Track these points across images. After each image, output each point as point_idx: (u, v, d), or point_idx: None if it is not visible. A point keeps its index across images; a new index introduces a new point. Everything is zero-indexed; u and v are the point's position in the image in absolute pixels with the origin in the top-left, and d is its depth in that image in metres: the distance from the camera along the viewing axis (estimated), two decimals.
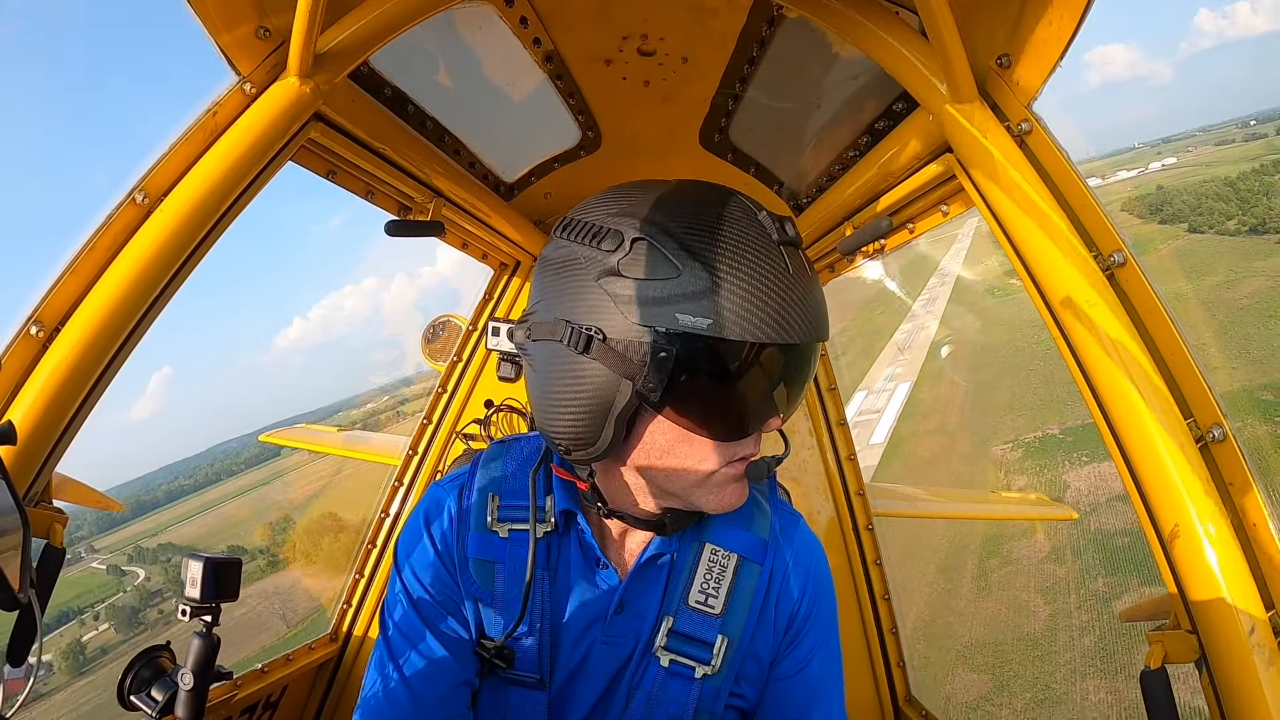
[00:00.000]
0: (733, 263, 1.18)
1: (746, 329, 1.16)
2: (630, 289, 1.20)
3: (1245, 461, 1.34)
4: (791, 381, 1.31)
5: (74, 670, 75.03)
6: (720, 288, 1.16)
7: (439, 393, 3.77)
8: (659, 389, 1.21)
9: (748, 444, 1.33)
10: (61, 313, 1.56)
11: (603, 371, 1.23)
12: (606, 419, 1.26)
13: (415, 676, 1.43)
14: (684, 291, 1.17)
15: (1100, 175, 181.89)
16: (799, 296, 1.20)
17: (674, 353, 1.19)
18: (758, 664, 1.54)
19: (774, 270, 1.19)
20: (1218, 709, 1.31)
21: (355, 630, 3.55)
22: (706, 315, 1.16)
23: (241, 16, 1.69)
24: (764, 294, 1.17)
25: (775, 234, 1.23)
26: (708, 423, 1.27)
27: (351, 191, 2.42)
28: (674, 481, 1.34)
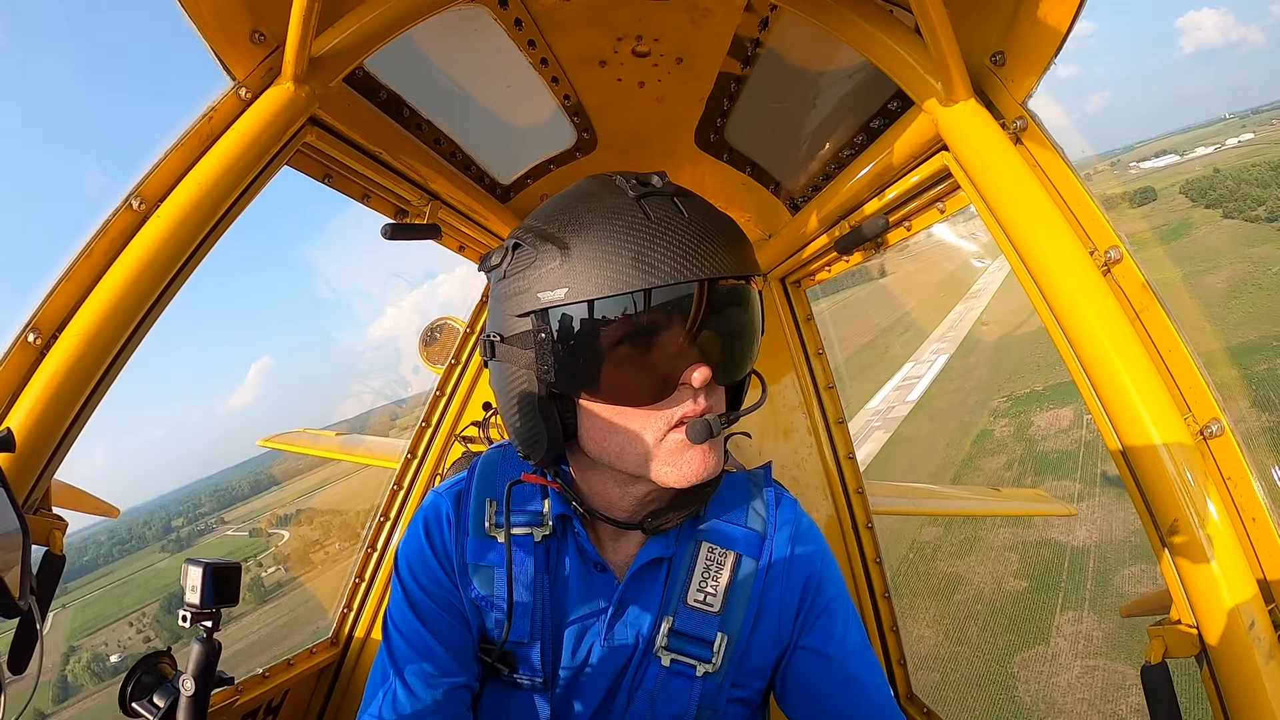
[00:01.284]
0: (581, 230, 1.22)
1: (601, 284, 1.18)
2: (506, 288, 1.28)
3: (1244, 455, 1.35)
4: (696, 324, 1.26)
5: (258, 600, 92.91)
6: (570, 256, 1.21)
7: (437, 395, 3.77)
8: (552, 371, 1.25)
9: (683, 404, 1.29)
10: (59, 319, 1.56)
11: (508, 370, 1.31)
12: (533, 414, 1.31)
13: (416, 680, 1.44)
14: (540, 272, 1.22)
15: (1178, 151, 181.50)
16: (665, 240, 1.20)
17: (550, 331, 1.23)
18: (760, 658, 1.55)
19: (626, 223, 1.21)
20: (1219, 703, 1.31)
21: (356, 634, 3.54)
22: (561, 285, 1.20)
23: (236, 21, 1.69)
24: (615, 247, 1.19)
25: (631, 190, 1.25)
26: (621, 391, 1.28)
27: (348, 195, 2.42)
28: (626, 461, 1.33)
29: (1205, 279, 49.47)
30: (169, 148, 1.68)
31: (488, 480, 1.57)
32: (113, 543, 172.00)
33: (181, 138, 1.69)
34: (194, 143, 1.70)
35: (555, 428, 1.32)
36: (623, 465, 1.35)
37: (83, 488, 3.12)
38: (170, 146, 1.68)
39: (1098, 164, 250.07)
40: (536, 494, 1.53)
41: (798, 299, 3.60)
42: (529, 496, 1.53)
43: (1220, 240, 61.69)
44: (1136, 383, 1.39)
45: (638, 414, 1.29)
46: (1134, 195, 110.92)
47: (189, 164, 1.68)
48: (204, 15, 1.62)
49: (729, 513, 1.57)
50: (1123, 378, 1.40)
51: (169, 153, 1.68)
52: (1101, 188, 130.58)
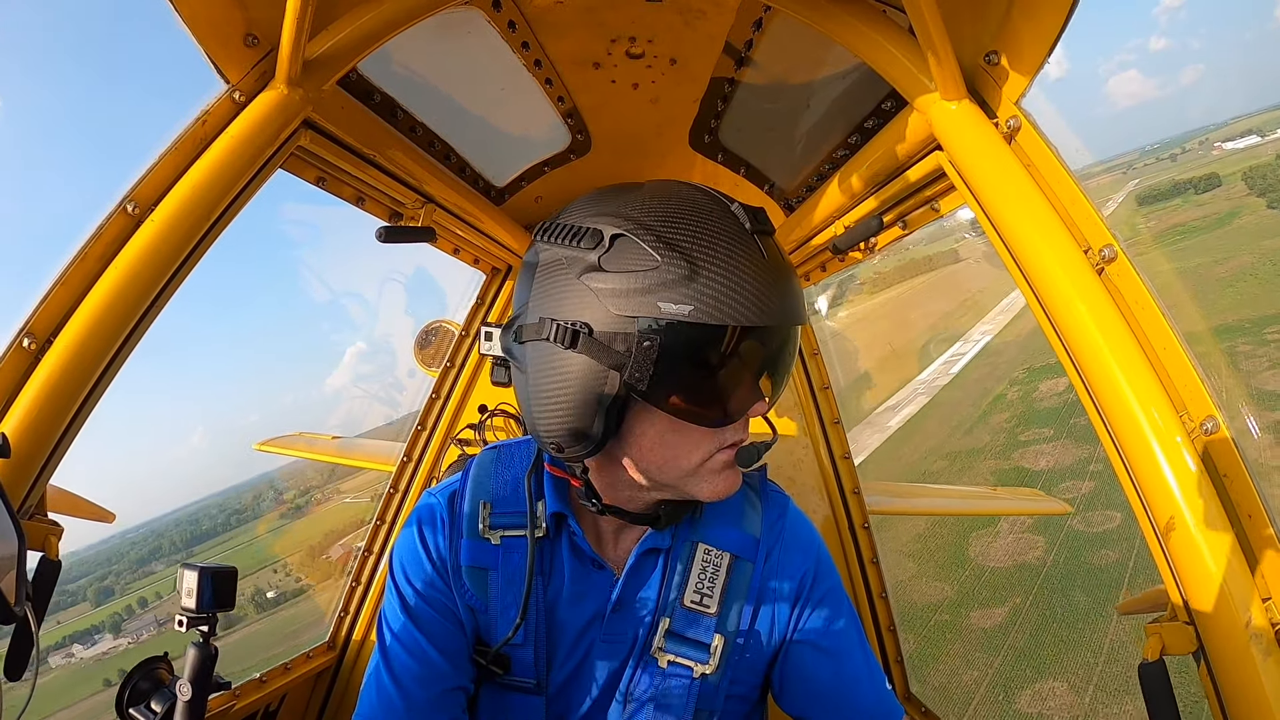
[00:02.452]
0: (710, 251, 1.21)
1: (727, 313, 1.19)
2: (612, 282, 1.23)
3: (1240, 453, 1.35)
4: (774, 366, 1.35)
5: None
6: (699, 275, 1.20)
7: (432, 398, 3.76)
8: (645, 378, 1.23)
9: (737, 430, 1.36)
10: (53, 324, 1.55)
11: (590, 364, 1.25)
12: (596, 412, 1.28)
13: (410, 681, 1.45)
14: (664, 281, 1.20)
15: (1261, 132, 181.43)
16: (774, 282, 1.24)
17: (658, 341, 1.21)
18: (756, 655, 1.56)
19: (749, 258, 1.23)
20: (1216, 700, 1.31)
21: (353, 637, 3.54)
22: (687, 302, 1.19)
23: (229, 24, 1.68)
24: (741, 280, 1.20)
25: (749, 223, 1.27)
26: (695, 410, 1.29)
27: (342, 198, 2.42)
28: (667, 472, 1.36)
29: (1215, 269, 50.99)
30: (163, 151, 1.67)
31: (482, 481, 1.57)
32: (226, 514, 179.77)
33: (175, 141, 1.68)
34: (188, 146, 1.69)
35: (611, 429, 1.31)
36: (660, 475, 1.37)
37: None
38: (164, 150, 1.67)
39: (1186, 143, 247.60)
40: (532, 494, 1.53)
41: None
42: (522, 498, 1.53)
43: (1251, 231, 62.54)
44: (1131, 381, 1.39)
45: (696, 433, 1.33)
46: (1199, 182, 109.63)
47: (183, 168, 1.68)
48: (197, 18, 1.61)
49: (725, 514, 1.59)
50: (1117, 376, 1.40)
51: (163, 156, 1.67)
52: (1173, 174, 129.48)
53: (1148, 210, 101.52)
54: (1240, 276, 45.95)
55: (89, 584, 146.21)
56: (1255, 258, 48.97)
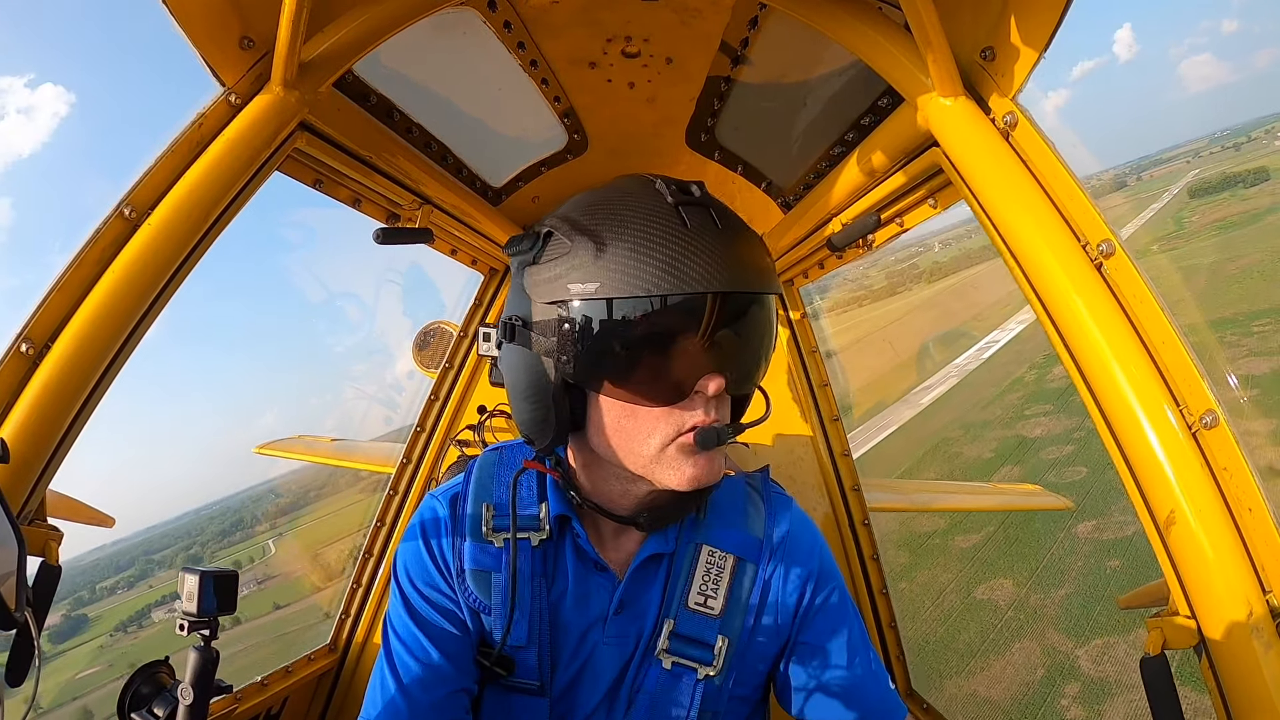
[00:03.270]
0: (618, 228, 1.24)
1: (634, 284, 1.20)
2: (537, 275, 1.32)
3: (1239, 446, 1.35)
4: (716, 335, 1.28)
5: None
6: (605, 252, 1.22)
7: (431, 400, 3.76)
8: (572, 361, 1.27)
9: (695, 412, 1.31)
10: (51, 329, 1.55)
11: (528, 355, 1.32)
12: (546, 401, 1.33)
13: (414, 683, 1.45)
14: (573, 264, 1.24)
15: None
16: (699, 249, 1.22)
17: (576, 323, 1.25)
18: (760, 656, 1.56)
19: (665, 228, 1.23)
20: (1218, 693, 1.31)
21: (354, 640, 3.54)
22: (594, 279, 1.22)
23: (224, 27, 1.68)
24: (651, 250, 1.21)
25: (671, 196, 1.27)
26: (636, 389, 1.30)
27: (339, 200, 2.42)
28: (630, 459, 1.35)
29: (1227, 266, 51.65)
30: (159, 155, 1.67)
31: (484, 483, 1.57)
32: (306, 490, 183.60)
33: (172, 145, 1.68)
34: (184, 149, 1.69)
35: (564, 417, 1.35)
36: (626, 463, 1.36)
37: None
38: (160, 154, 1.67)
39: (1254, 131, 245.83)
40: (534, 497, 1.54)
41: (790, 297, 3.61)
42: (526, 500, 1.53)
43: (1276, 229, 63.11)
44: (1130, 375, 1.40)
45: (648, 415, 1.31)
46: (1248, 176, 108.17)
47: (179, 171, 1.68)
48: (193, 22, 1.61)
49: (728, 516, 1.59)
50: (1117, 371, 1.40)
51: (159, 160, 1.67)
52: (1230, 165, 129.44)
53: (1198, 203, 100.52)
54: (1247, 273, 46.60)
55: (174, 554, 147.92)
56: (1266, 255, 49.98)
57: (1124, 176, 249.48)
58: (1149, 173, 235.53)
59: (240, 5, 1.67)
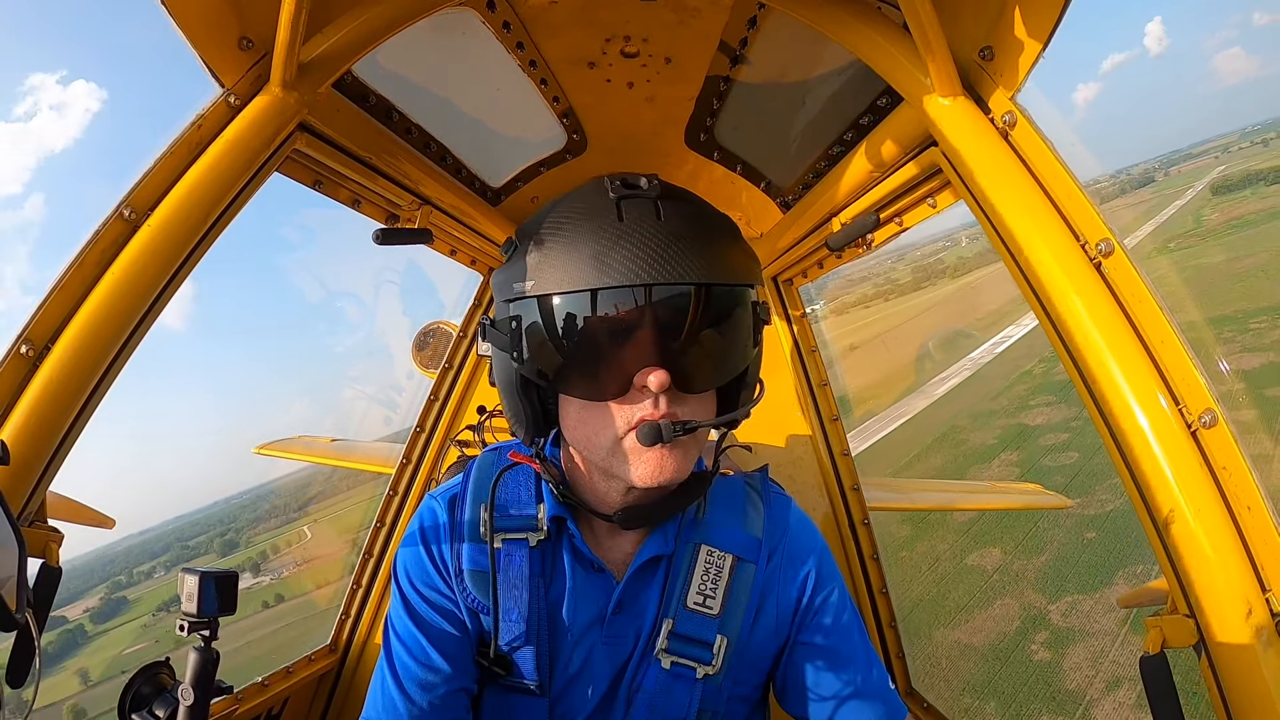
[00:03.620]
0: (557, 228, 1.29)
1: (561, 280, 1.25)
2: (497, 277, 1.38)
3: (1238, 445, 1.35)
4: (650, 328, 1.26)
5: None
6: (543, 250, 1.27)
7: (430, 400, 3.76)
8: (522, 357, 1.32)
9: (643, 405, 1.30)
10: (51, 330, 1.55)
11: (499, 355, 1.40)
12: (516, 396, 1.39)
13: (414, 684, 1.45)
14: (520, 264, 1.29)
15: None
16: (630, 242, 1.23)
17: (519, 320, 1.30)
18: (759, 655, 1.56)
19: (598, 224, 1.26)
20: (1217, 692, 1.31)
21: (355, 640, 3.54)
22: (530, 277, 1.27)
23: (223, 28, 1.68)
24: (579, 245, 1.25)
25: (613, 192, 1.30)
26: (581, 384, 1.32)
27: (339, 201, 2.42)
28: (592, 452, 1.38)
29: (1234, 265, 52.67)
30: (158, 156, 1.67)
31: (483, 484, 1.57)
32: (338, 476, 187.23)
33: (171, 146, 1.68)
34: (183, 151, 1.69)
35: (534, 412, 1.41)
36: (591, 456, 1.39)
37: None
38: (160, 155, 1.67)
39: None
40: (531, 498, 1.54)
41: (790, 297, 3.61)
42: (523, 501, 1.54)
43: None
44: (1128, 374, 1.40)
45: (602, 409, 1.32)
46: (1269, 174, 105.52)
47: (179, 172, 1.68)
48: (192, 22, 1.61)
49: (727, 516, 1.59)
50: (1116, 370, 1.40)
51: (159, 161, 1.67)
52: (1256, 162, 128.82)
53: (1219, 200, 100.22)
54: (1251, 273, 47.50)
55: (209, 539, 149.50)
56: (1271, 255, 51.03)
57: (1152, 172, 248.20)
58: (1177, 168, 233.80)
59: (239, 6, 1.68)
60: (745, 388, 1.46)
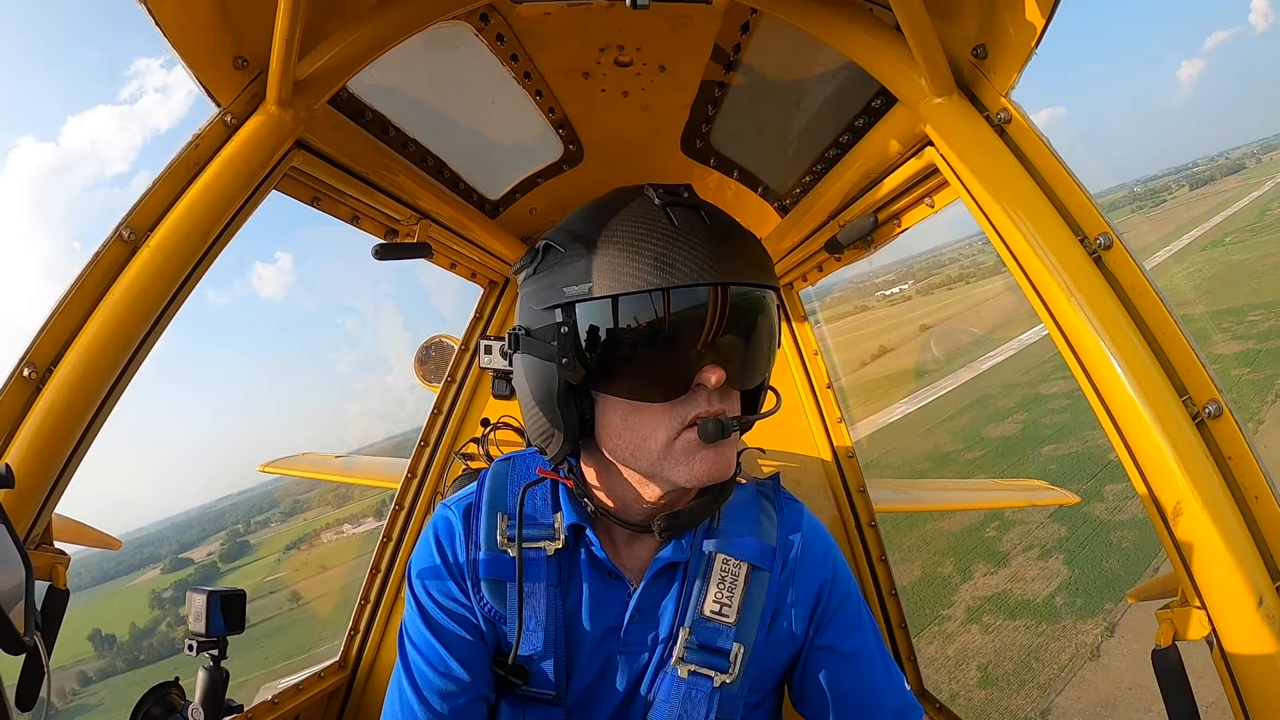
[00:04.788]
0: (609, 231, 1.28)
1: (626, 281, 1.24)
2: (536, 283, 1.36)
3: (1244, 434, 1.35)
4: (713, 327, 1.29)
5: None
6: (596, 253, 1.26)
7: (434, 414, 3.75)
8: (573, 363, 1.29)
9: (697, 404, 1.32)
10: (53, 353, 1.55)
11: (534, 363, 1.35)
12: (554, 407, 1.35)
13: (432, 692, 1.45)
14: (567, 268, 1.28)
15: None
16: (687, 244, 1.25)
17: (572, 324, 1.28)
18: (774, 662, 1.56)
19: (652, 227, 1.27)
20: (1231, 682, 1.31)
21: (364, 656, 3.52)
22: (586, 279, 1.26)
23: (218, 48, 1.69)
24: (640, 247, 1.25)
25: (658, 199, 1.31)
26: (637, 386, 1.32)
27: (337, 217, 2.42)
28: (640, 458, 1.36)
29: (1258, 262, 55.57)
30: (157, 177, 1.68)
31: (498, 493, 1.57)
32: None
33: (169, 167, 1.69)
34: (181, 171, 1.70)
35: (573, 422, 1.36)
36: (636, 463, 1.37)
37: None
38: (158, 176, 1.68)
39: None
40: (548, 507, 1.54)
41: (790, 300, 3.61)
42: (541, 510, 1.54)
43: None
44: (1131, 368, 1.40)
45: (653, 411, 1.32)
46: None
47: (177, 193, 1.68)
48: (186, 42, 1.62)
49: (741, 524, 1.59)
50: (1118, 363, 1.40)
51: (157, 182, 1.67)
52: None
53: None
54: (1269, 270, 50.13)
55: (321, 494, 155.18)
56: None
57: (1244, 159, 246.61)
58: (1270, 155, 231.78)
59: (233, 25, 1.68)
60: (764, 388, 1.50)
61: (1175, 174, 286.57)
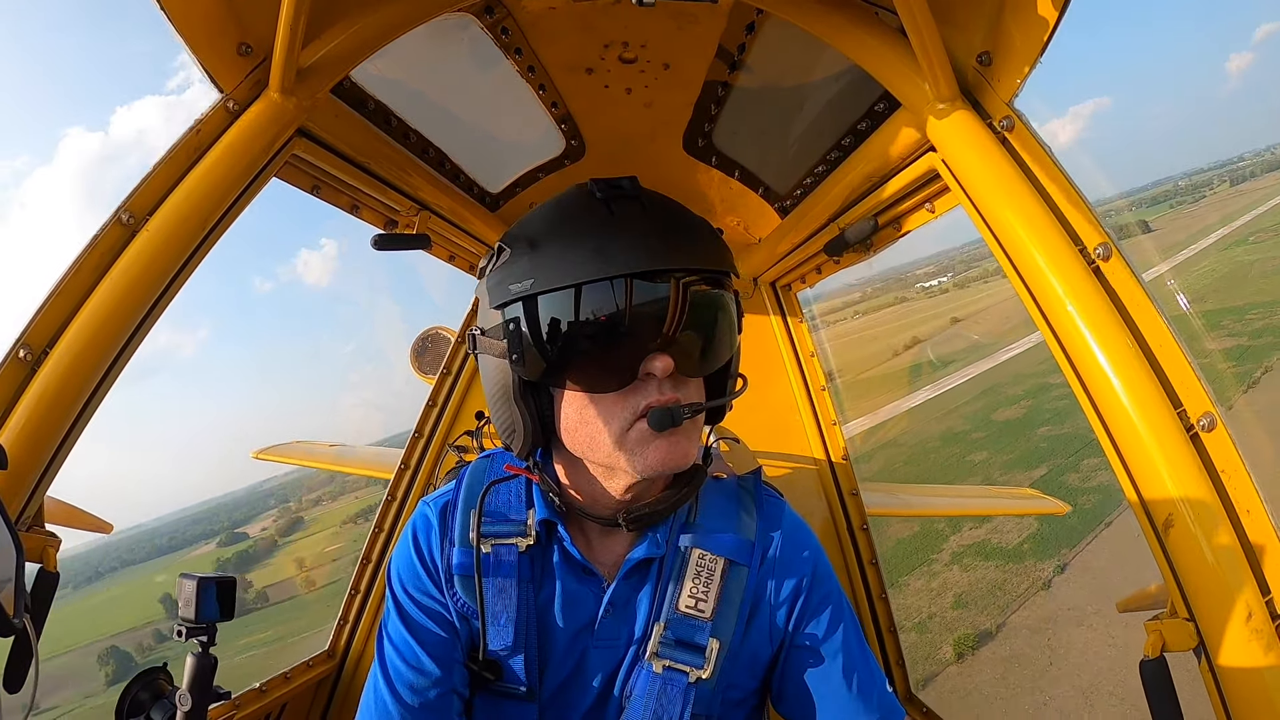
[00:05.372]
0: (547, 227, 1.33)
1: (564, 274, 1.26)
2: (486, 283, 1.37)
3: (1237, 449, 1.36)
4: (659, 315, 1.30)
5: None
6: (538, 250, 1.30)
7: (429, 406, 3.76)
8: (523, 359, 1.31)
9: (648, 393, 1.32)
10: (49, 335, 1.55)
11: (490, 361, 1.39)
12: (512, 404, 1.38)
13: (405, 688, 1.45)
14: (513, 266, 1.31)
15: None
16: (623, 235, 1.28)
17: (518, 321, 1.30)
18: (753, 659, 1.55)
19: (590, 220, 1.31)
20: (1218, 695, 1.31)
21: (353, 646, 3.53)
22: (528, 276, 1.28)
23: (222, 34, 1.68)
24: (577, 241, 1.28)
25: (600, 192, 1.33)
26: (585, 378, 1.33)
27: (337, 206, 2.42)
28: (597, 450, 1.37)
29: (1266, 264, 58.17)
30: (158, 161, 1.67)
31: (474, 490, 1.57)
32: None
33: (170, 151, 1.68)
34: (182, 156, 1.69)
35: (532, 418, 1.38)
36: (595, 455, 1.38)
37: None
38: (159, 160, 1.67)
39: None
40: (520, 503, 1.54)
41: (788, 302, 3.61)
42: (513, 505, 1.54)
43: None
44: (1126, 379, 1.40)
45: (606, 402, 1.33)
46: None
47: (178, 177, 1.68)
48: (191, 28, 1.61)
49: (719, 519, 1.58)
50: (1114, 374, 1.41)
51: (158, 166, 1.67)
52: None
53: None
54: (1268, 273, 52.53)
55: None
56: None
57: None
58: None
59: (238, 12, 1.68)
60: (730, 376, 1.50)
61: (1219, 168, 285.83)
